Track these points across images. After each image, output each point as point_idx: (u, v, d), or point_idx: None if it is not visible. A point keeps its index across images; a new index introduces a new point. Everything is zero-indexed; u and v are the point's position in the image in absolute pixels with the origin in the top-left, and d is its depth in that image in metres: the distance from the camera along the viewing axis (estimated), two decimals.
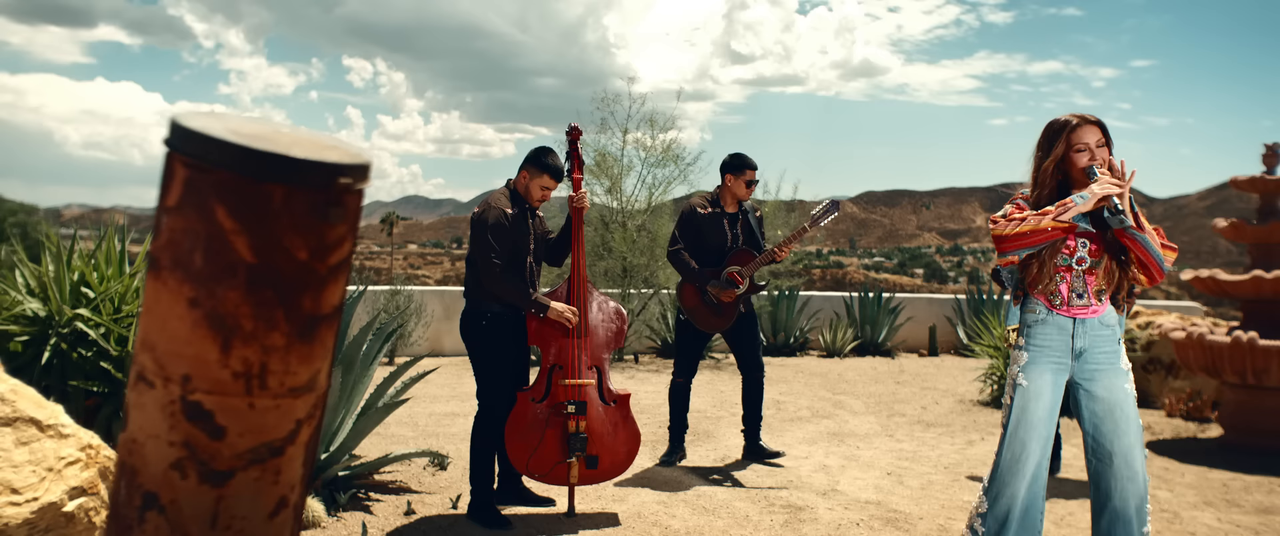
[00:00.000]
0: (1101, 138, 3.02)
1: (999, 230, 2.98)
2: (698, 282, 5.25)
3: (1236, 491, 5.12)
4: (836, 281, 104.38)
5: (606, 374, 4.27)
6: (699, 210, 5.35)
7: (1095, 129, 3.02)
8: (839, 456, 5.69)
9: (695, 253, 5.33)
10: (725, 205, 5.38)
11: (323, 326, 0.98)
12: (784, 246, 5.20)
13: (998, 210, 3.12)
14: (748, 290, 5.28)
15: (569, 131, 4.45)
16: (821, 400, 7.94)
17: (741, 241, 5.35)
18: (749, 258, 5.27)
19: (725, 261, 5.29)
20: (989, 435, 6.48)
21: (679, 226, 5.38)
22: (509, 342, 4.23)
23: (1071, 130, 3.02)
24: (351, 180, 0.94)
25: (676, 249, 5.33)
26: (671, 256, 5.35)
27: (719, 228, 5.32)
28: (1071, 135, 3.01)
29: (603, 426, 4.20)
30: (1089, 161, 3.00)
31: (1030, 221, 2.92)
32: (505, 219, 4.19)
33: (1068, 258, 3.04)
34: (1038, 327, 3.07)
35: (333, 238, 0.95)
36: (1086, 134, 3.01)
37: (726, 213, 5.37)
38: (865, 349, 12.14)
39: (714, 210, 5.35)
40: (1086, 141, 3.00)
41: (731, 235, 5.33)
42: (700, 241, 5.33)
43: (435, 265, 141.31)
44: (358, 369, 4.45)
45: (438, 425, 6.33)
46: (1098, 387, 3.06)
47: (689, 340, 5.45)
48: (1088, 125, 3.02)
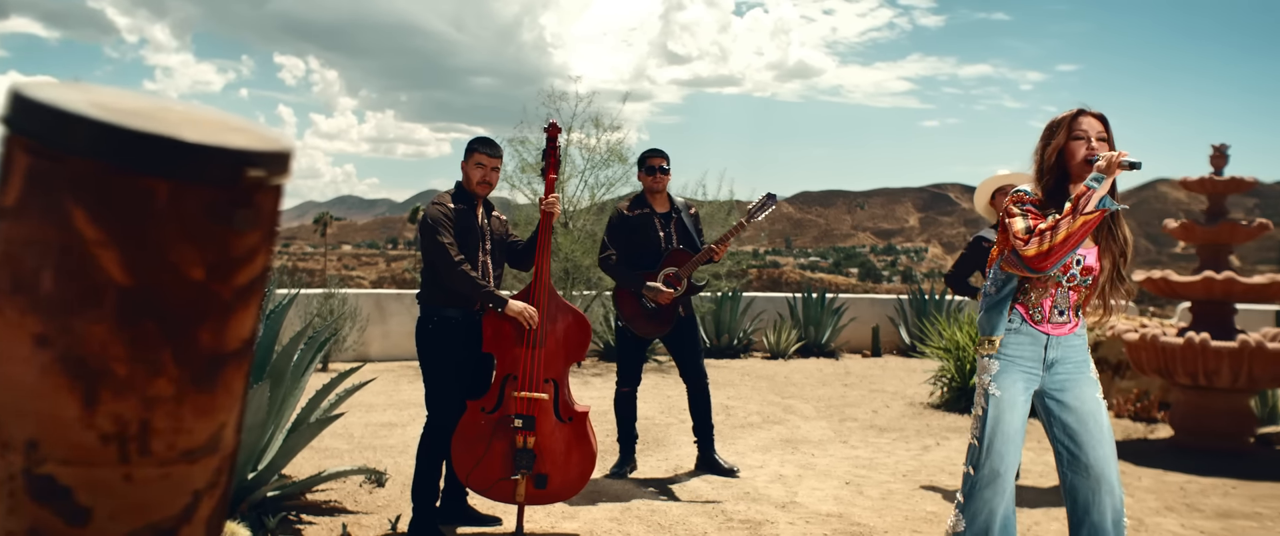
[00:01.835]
0: (1102, 129, 2.90)
1: (1035, 248, 2.76)
2: (633, 287, 5.03)
3: (1194, 494, 5.06)
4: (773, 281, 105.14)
5: (565, 387, 4.00)
6: (626, 212, 5.15)
7: (1096, 121, 2.91)
8: (794, 465, 5.52)
9: (629, 257, 5.11)
10: (654, 205, 5.17)
11: (228, 367, 0.74)
12: (721, 243, 5.00)
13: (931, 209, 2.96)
14: (686, 292, 5.08)
15: (547, 128, 4.21)
16: (771, 404, 7.78)
17: (676, 241, 5.15)
18: (685, 257, 5.07)
19: (660, 263, 5.09)
20: (943, 440, 6.37)
21: (608, 232, 5.16)
22: (459, 349, 3.98)
23: (1073, 119, 2.91)
24: (266, 173, 0.70)
25: (607, 255, 5.11)
26: (603, 264, 5.13)
27: (650, 228, 5.11)
28: (1073, 124, 2.90)
29: (555, 443, 3.94)
30: (1088, 152, 2.87)
31: (1063, 228, 2.73)
32: (447, 211, 3.99)
33: (1061, 274, 2.91)
34: (1011, 337, 2.93)
35: (240, 249, 0.71)
36: (1087, 124, 2.90)
37: (657, 212, 5.16)
38: (809, 350, 12.05)
39: (643, 211, 5.15)
40: (1086, 130, 2.89)
41: (664, 235, 5.13)
42: (632, 245, 5.11)
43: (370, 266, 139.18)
44: (288, 380, 4.15)
45: (375, 437, 6.02)
46: (1069, 397, 2.95)
47: (629, 347, 5.24)
48: (1089, 116, 2.92)
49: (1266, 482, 5.40)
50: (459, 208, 4.04)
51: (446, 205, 4.02)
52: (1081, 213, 2.73)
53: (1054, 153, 2.92)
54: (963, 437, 6.46)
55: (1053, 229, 2.75)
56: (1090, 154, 2.87)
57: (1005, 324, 2.95)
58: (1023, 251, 2.80)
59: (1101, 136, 2.90)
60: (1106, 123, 2.94)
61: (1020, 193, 2.97)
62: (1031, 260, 2.79)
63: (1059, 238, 2.74)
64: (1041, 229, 2.78)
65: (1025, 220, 2.86)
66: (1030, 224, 2.84)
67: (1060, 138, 2.92)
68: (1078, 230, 2.74)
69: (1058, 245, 2.75)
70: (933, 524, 4.34)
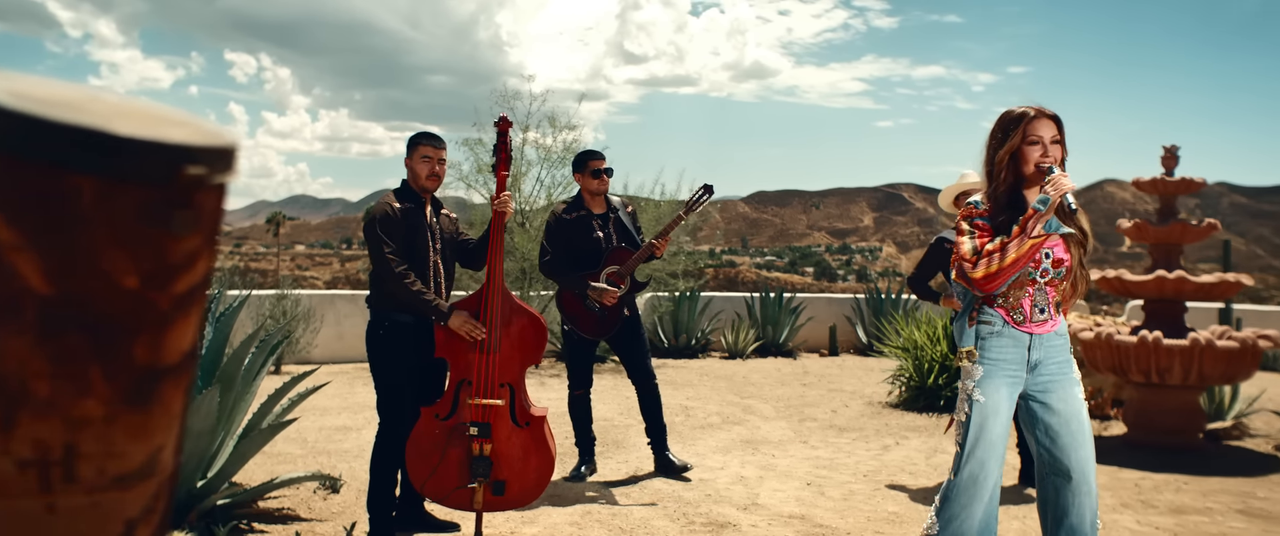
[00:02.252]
0: (1056, 132, 2.89)
1: (983, 271, 2.80)
2: (577, 288, 4.99)
3: (1149, 491, 5.12)
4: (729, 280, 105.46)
5: (521, 391, 3.92)
6: (564, 216, 5.10)
7: (1051, 123, 2.89)
8: (755, 466, 5.50)
9: (570, 260, 5.07)
10: (590, 207, 5.13)
11: (166, 383, 0.68)
12: (661, 238, 4.97)
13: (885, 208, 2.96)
14: (630, 289, 5.04)
15: (498, 122, 4.09)
16: (731, 405, 7.77)
17: (616, 240, 5.11)
18: (626, 255, 5.04)
19: (602, 263, 5.04)
20: (903, 440, 6.39)
21: (547, 236, 5.11)
22: (411, 354, 3.88)
23: (1028, 122, 2.88)
24: (207, 170, 0.64)
25: (547, 259, 5.07)
26: (544, 267, 5.08)
27: (588, 230, 5.07)
28: (1027, 127, 2.88)
29: (512, 450, 3.86)
30: (1042, 156, 2.87)
31: (1011, 252, 2.79)
32: (393, 211, 3.86)
33: (1033, 271, 2.90)
34: (993, 340, 2.91)
35: (179, 254, 0.65)
36: (1042, 127, 2.88)
37: (594, 214, 5.12)
38: (767, 349, 12.07)
39: (580, 213, 5.10)
40: (1041, 134, 2.88)
41: (603, 235, 5.09)
42: (572, 247, 5.07)
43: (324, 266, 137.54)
44: (239, 385, 4.03)
45: (329, 441, 5.91)
46: (1053, 399, 2.93)
47: (578, 350, 5.19)
48: (1044, 118, 2.89)
49: (1216, 477, 5.48)
50: (406, 207, 3.92)
51: (392, 206, 3.89)
52: (1029, 236, 2.78)
53: (1007, 155, 2.90)
54: (922, 437, 6.49)
55: (1001, 252, 2.79)
56: (1043, 161, 2.87)
57: (979, 324, 2.93)
58: (971, 274, 2.84)
59: (1055, 139, 2.90)
60: (1060, 125, 2.93)
61: (971, 206, 2.97)
62: (979, 282, 2.84)
63: (1007, 261, 2.79)
64: (989, 251, 2.81)
65: (973, 240, 2.88)
66: (977, 245, 2.85)
67: (1015, 140, 2.90)
68: (1026, 253, 2.79)
69: (1006, 268, 2.80)
70: (895, 524, 4.34)
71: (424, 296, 3.78)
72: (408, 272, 3.78)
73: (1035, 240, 2.78)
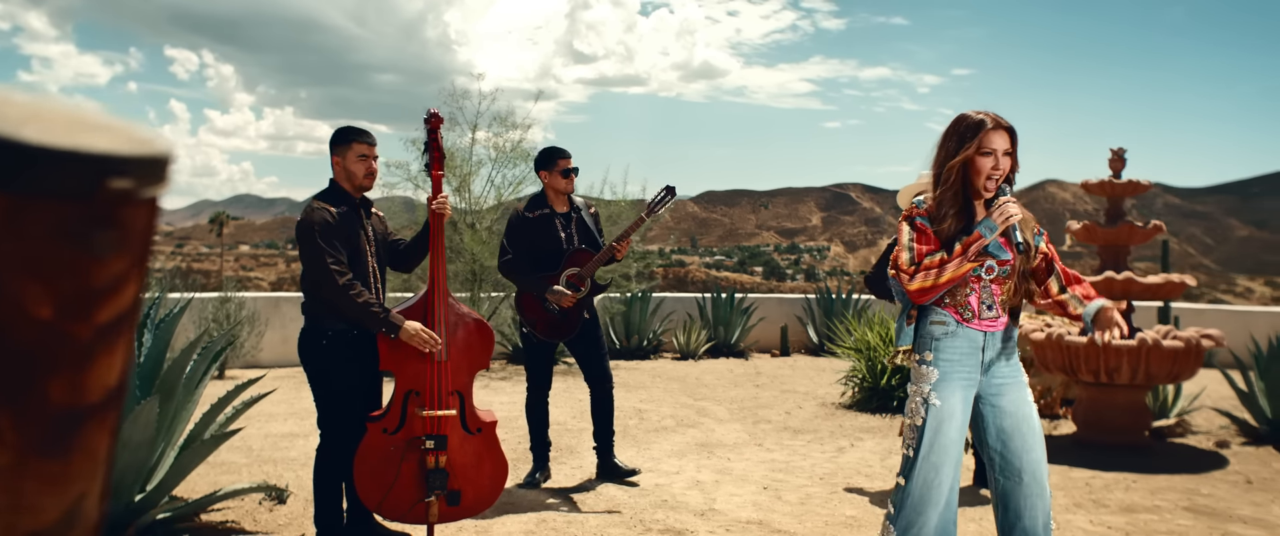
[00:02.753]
0: (1009, 145, 2.88)
1: (918, 284, 2.83)
2: (536, 290, 4.90)
3: (1099, 490, 5.17)
4: (679, 280, 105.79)
5: (470, 398, 3.82)
6: (527, 214, 5.00)
7: (1005, 135, 2.88)
8: (711, 470, 5.46)
9: (530, 260, 4.98)
10: (554, 206, 5.04)
11: (88, 425, 0.59)
12: (622, 241, 4.90)
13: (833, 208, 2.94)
14: (589, 292, 4.96)
15: (428, 118, 3.88)
16: (684, 407, 7.73)
17: (577, 241, 5.03)
18: (587, 257, 4.96)
19: (562, 264, 4.96)
20: (857, 441, 6.40)
21: (507, 235, 5.01)
22: (354, 364, 3.72)
23: (985, 132, 2.85)
24: (135, 183, 0.56)
25: (507, 259, 4.97)
26: (503, 267, 4.98)
27: (551, 229, 4.98)
28: (983, 138, 2.85)
29: (466, 458, 3.76)
30: (994, 169, 2.86)
31: (949, 270, 2.80)
32: (331, 216, 3.62)
33: (978, 268, 2.88)
34: (946, 341, 2.89)
35: (103, 279, 0.56)
36: (996, 139, 2.87)
37: (557, 213, 5.03)
38: (719, 350, 12.07)
39: (542, 212, 5.01)
40: (995, 146, 2.86)
41: (566, 236, 5.00)
42: (533, 247, 4.98)
43: (269, 267, 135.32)
44: (180, 394, 3.89)
45: (275, 449, 5.75)
46: (1005, 402, 2.93)
47: (536, 352, 5.09)
48: (1000, 130, 2.87)
49: (1162, 475, 5.56)
50: (341, 212, 3.70)
51: (329, 212, 3.65)
52: (968, 259, 2.80)
53: (960, 162, 2.89)
54: (876, 438, 6.50)
55: (939, 268, 2.81)
56: (994, 173, 2.86)
57: (931, 326, 2.92)
58: (907, 285, 2.85)
59: (1007, 152, 2.89)
60: (1014, 137, 2.92)
61: (914, 206, 2.96)
62: (912, 293, 2.87)
63: (944, 278, 2.81)
64: (927, 265, 2.82)
65: (911, 250, 2.87)
66: (916, 254, 2.84)
67: (968, 150, 2.88)
68: (962, 273, 2.82)
69: (941, 285, 2.82)
70: (853, 529, 4.32)
71: (372, 309, 3.60)
72: (353, 284, 3.59)
73: (973, 263, 2.81)
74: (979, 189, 2.90)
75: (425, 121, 3.89)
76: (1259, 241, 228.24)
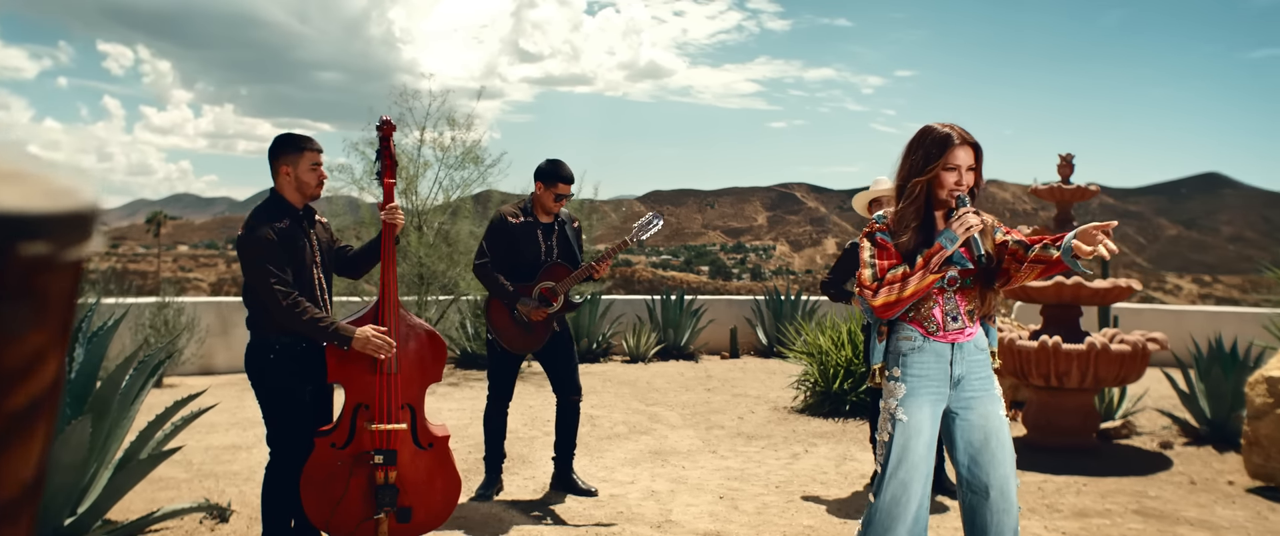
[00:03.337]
0: (974, 160, 2.85)
1: (882, 299, 2.79)
2: (507, 300, 4.77)
3: (1052, 494, 5.20)
4: (625, 280, 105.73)
5: (422, 412, 3.70)
6: (510, 219, 4.87)
7: (970, 151, 2.85)
8: (666, 479, 5.39)
9: (506, 266, 4.84)
10: (539, 215, 4.92)
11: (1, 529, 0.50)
12: (603, 261, 4.78)
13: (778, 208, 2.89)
14: (562, 309, 4.84)
15: (380, 125, 3.77)
16: (636, 412, 7.66)
17: (557, 254, 4.91)
18: (564, 272, 4.84)
19: (537, 276, 4.84)
20: (811, 447, 6.38)
21: (487, 237, 4.88)
22: (303, 379, 3.58)
23: (950, 148, 2.82)
24: (52, 245, 0.47)
25: (484, 263, 4.82)
26: (478, 270, 4.84)
27: (532, 239, 4.86)
28: (948, 154, 2.82)
29: (417, 474, 3.64)
30: (957, 184, 2.83)
31: (912, 283, 2.77)
32: (272, 231, 3.47)
33: (940, 279, 2.84)
34: (914, 356, 2.85)
35: (15, 359, 0.47)
36: (961, 154, 2.84)
37: (541, 223, 4.90)
38: (668, 352, 12.02)
39: (526, 220, 4.88)
40: (959, 162, 2.83)
41: (546, 247, 4.88)
42: (512, 254, 4.85)
43: (209, 267, 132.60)
44: (115, 411, 3.71)
45: (217, 462, 5.56)
46: (975, 416, 2.89)
47: (501, 361, 4.95)
48: (965, 145, 2.84)
49: (1111, 477, 5.62)
50: (283, 225, 3.52)
51: (271, 229, 3.48)
52: (931, 271, 2.77)
53: (924, 181, 2.85)
54: (830, 444, 6.49)
55: (902, 282, 2.78)
56: (957, 189, 2.83)
57: (898, 341, 2.88)
58: (871, 301, 2.81)
59: (971, 167, 2.87)
60: (979, 152, 2.90)
61: (873, 221, 2.92)
62: (877, 309, 2.83)
63: (908, 292, 2.78)
64: (890, 279, 2.79)
65: (874, 266, 2.83)
66: (878, 270, 2.80)
67: (934, 169, 2.85)
68: (926, 286, 2.79)
69: (905, 299, 2.79)
70: None
71: (321, 323, 3.47)
72: (298, 302, 3.44)
73: (936, 274, 2.78)
74: (941, 202, 2.87)
75: (377, 128, 3.77)
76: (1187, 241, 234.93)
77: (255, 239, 3.46)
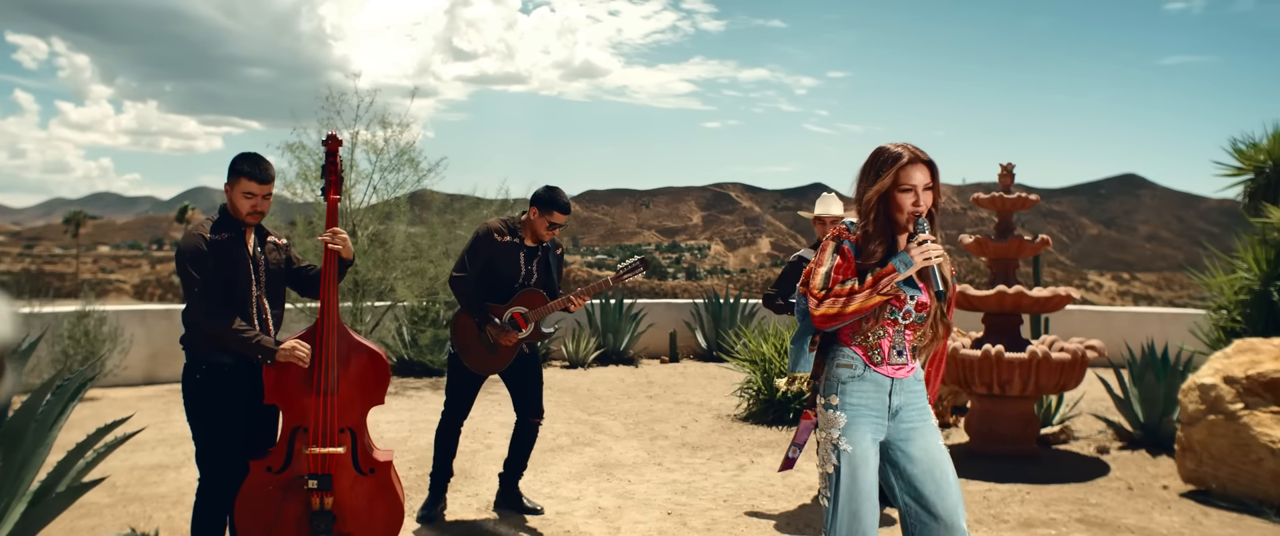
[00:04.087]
0: (929, 180, 2.80)
1: (824, 310, 2.72)
2: (476, 319, 4.61)
3: (997, 504, 5.23)
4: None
5: (363, 435, 3.55)
6: (496, 235, 4.70)
7: (925, 170, 2.80)
8: (612, 494, 5.30)
9: (482, 282, 4.69)
10: (526, 237, 4.76)
11: None
12: (580, 296, 4.65)
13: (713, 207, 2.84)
14: (530, 336, 4.71)
15: (325, 141, 3.63)
16: (578, 422, 7.55)
17: (535, 280, 4.76)
18: (539, 300, 4.69)
19: (512, 299, 4.70)
20: (757, 458, 6.34)
21: (469, 250, 4.71)
22: (236, 400, 3.42)
23: (902, 167, 2.77)
24: None
25: (461, 276, 4.65)
26: (454, 282, 4.67)
27: (514, 260, 4.71)
28: (901, 173, 2.77)
29: (356, 500, 3.49)
30: (914, 205, 2.78)
31: (857, 300, 2.71)
32: (203, 244, 3.37)
33: (896, 310, 2.79)
34: (854, 385, 2.79)
35: None
36: (916, 174, 2.78)
37: (525, 245, 4.75)
38: (608, 357, 11.94)
39: (512, 239, 4.72)
40: (914, 182, 2.78)
41: (526, 271, 4.72)
42: (490, 271, 4.69)
43: (132, 268, 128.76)
44: (30, 440, 3.47)
45: (143, 484, 5.32)
46: (914, 448, 2.84)
47: (461, 379, 4.78)
48: (919, 164, 2.79)
49: (1053, 485, 5.68)
50: (221, 239, 3.43)
51: (204, 238, 3.39)
52: (878, 292, 2.72)
53: (877, 195, 2.81)
54: (775, 453, 6.46)
55: (848, 297, 2.72)
56: (915, 210, 2.80)
57: (838, 368, 2.82)
58: (814, 309, 2.75)
59: (927, 187, 2.83)
60: (934, 171, 2.86)
61: (845, 227, 2.86)
62: (817, 319, 2.76)
63: (851, 308, 2.72)
64: (838, 292, 2.73)
65: (826, 276, 2.77)
66: (830, 280, 2.75)
67: (884, 181, 2.80)
68: (870, 305, 2.74)
69: (846, 315, 2.74)
70: None
71: (244, 334, 3.33)
72: (220, 311, 3.31)
73: (884, 297, 2.73)
74: (900, 224, 2.82)
75: (323, 143, 3.67)
76: (1108, 240, 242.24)
77: (183, 247, 3.38)
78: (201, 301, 3.29)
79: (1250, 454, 5.30)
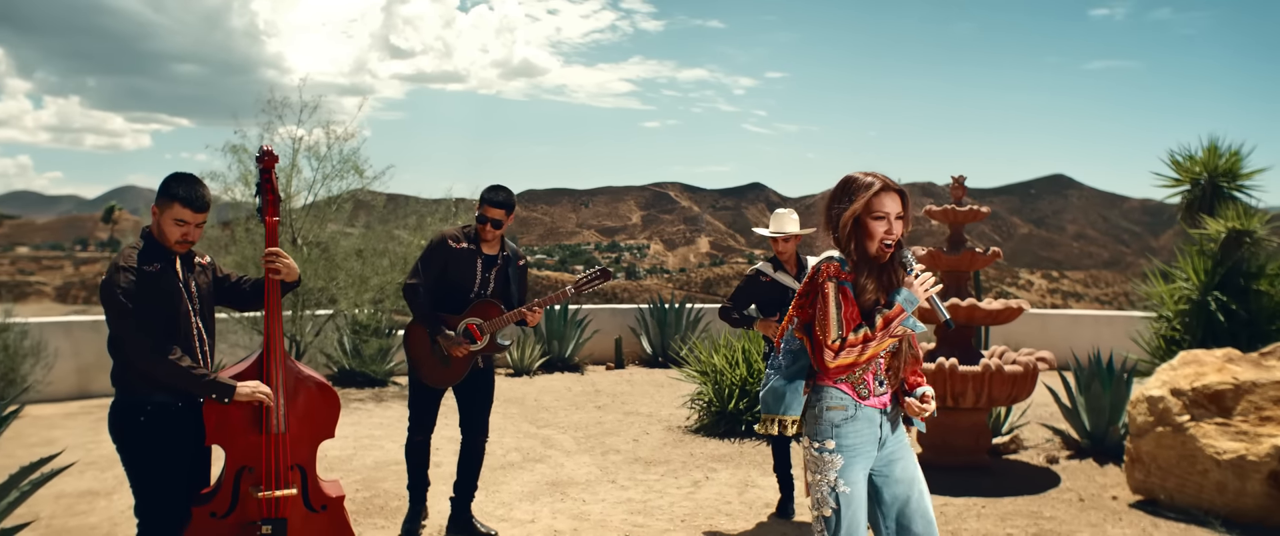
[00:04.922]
0: (901, 209, 2.77)
1: (843, 361, 2.71)
2: (428, 328, 4.44)
3: (954, 519, 5.22)
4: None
5: (313, 472, 3.37)
6: (450, 242, 4.52)
7: (896, 198, 2.77)
8: (567, 516, 5.17)
9: (436, 291, 4.51)
10: (483, 245, 4.58)
11: None
12: (537, 307, 4.50)
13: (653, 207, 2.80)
14: (485, 349, 4.55)
15: (260, 157, 3.38)
16: (528, 436, 7.40)
17: (492, 290, 4.59)
18: (494, 311, 4.52)
19: (466, 309, 4.53)
20: (711, 473, 6.25)
21: (423, 257, 4.54)
22: (182, 445, 3.20)
23: (873, 195, 2.74)
24: None
25: (413, 283, 4.48)
26: (406, 290, 4.50)
27: (470, 268, 4.53)
28: (872, 201, 2.75)
29: None
30: (887, 233, 2.74)
31: (872, 347, 2.71)
32: (131, 278, 3.09)
33: (894, 342, 2.77)
34: (847, 426, 2.76)
35: None
36: (887, 202, 2.76)
37: (483, 253, 4.57)
38: (553, 364, 11.78)
39: (468, 246, 4.54)
40: (887, 210, 2.76)
41: (481, 279, 4.55)
42: (444, 279, 4.52)
43: (54, 270, 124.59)
44: None
45: (70, 513, 5.05)
46: (897, 472, 2.88)
47: (419, 393, 4.63)
48: (890, 193, 2.77)
49: (1007, 498, 5.70)
50: (153, 270, 3.15)
51: (131, 269, 3.10)
52: (890, 334, 2.72)
53: (850, 221, 2.77)
54: (730, 468, 6.38)
55: (863, 344, 2.71)
56: (888, 237, 2.75)
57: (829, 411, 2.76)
58: (830, 361, 2.71)
59: (899, 215, 2.79)
60: (905, 199, 2.82)
61: (835, 263, 2.79)
62: (831, 369, 2.74)
63: (867, 355, 2.73)
64: (851, 342, 2.71)
65: (840, 322, 2.72)
66: (843, 330, 2.71)
67: (856, 206, 2.77)
68: (883, 348, 2.75)
69: (862, 361, 2.75)
70: None
71: (195, 373, 3.11)
72: (166, 347, 3.08)
73: (895, 337, 2.75)
74: (875, 254, 2.78)
75: (258, 160, 3.40)
76: (1038, 238, 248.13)
77: (114, 283, 3.09)
78: (141, 337, 3.05)
79: (1196, 465, 5.36)
